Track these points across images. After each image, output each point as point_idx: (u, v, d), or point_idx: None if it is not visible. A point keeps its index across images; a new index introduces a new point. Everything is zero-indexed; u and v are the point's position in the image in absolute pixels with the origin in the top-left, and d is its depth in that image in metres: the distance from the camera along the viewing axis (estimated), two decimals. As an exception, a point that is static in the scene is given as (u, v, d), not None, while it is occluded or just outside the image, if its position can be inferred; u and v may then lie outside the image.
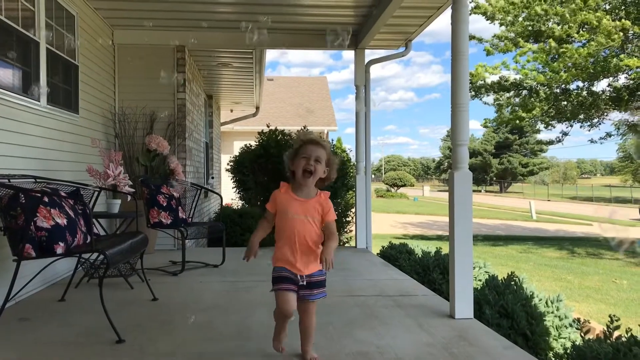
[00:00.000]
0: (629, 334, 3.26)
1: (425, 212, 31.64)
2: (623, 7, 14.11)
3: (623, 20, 12.99)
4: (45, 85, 5.04)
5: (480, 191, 66.13)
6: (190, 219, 6.44)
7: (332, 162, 2.87)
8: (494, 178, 68.55)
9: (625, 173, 57.78)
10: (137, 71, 7.45)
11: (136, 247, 4.15)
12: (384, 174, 65.04)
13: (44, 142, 5.01)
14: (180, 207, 6.05)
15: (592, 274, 11.73)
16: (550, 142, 20.78)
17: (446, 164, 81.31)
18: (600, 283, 10.76)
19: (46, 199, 3.58)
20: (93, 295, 3.57)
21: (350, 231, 10.23)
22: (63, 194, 4.00)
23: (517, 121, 16.14)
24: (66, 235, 3.58)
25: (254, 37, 6.95)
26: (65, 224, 3.63)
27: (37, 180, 4.29)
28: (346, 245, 10.59)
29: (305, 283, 2.80)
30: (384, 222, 23.51)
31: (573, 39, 14.31)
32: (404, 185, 57.50)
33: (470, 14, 13.94)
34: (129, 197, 5.53)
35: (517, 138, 64.93)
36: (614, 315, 3.55)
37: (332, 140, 17.34)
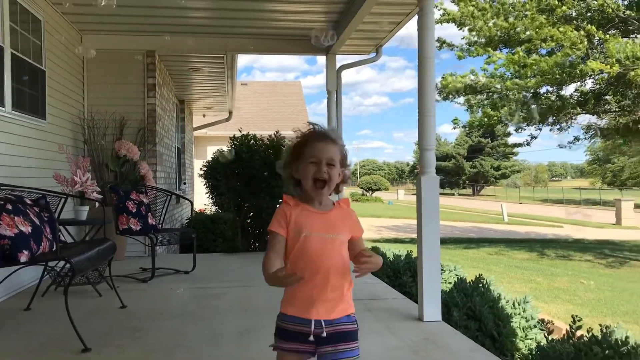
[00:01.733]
0: (590, 334, 3.35)
1: (400, 215, 31.85)
2: (588, 14, 14.46)
3: (588, 26, 13.30)
4: (10, 91, 4.96)
5: (453, 194, 66.84)
6: (160, 226, 6.39)
7: (347, 159, 2.09)
8: (467, 181, 69.35)
9: (594, 176, 59.15)
10: (107, 76, 7.38)
11: (104, 254, 4.11)
12: (359, 178, 65.48)
13: (8, 148, 4.92)
14: (150, 214, 6.00)
15: (561, 275, 11.95)
16: (519, 145, 21.21)
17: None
18: (568, 284, 10.97)
19: (10, 207, 3.52)
20: (59, 304, 3.53)
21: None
22: (28, 201, 3.93)
23: (486, 119, 16.37)
24: (30, 243, 3.53)
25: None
26: (30, 231, 3.58)
27: (1, 187, 4.21)
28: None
29: (324, 335, 1.91)
30: (358, 226, 23.53)
31: (540, 47, 14.61)
32: (379, 189, 57.85)
33: (441, 23, 14.00)
34: (97, 204, 5.47)
35: (490, 142, 65.82)
36: (576, 316, 3.64)
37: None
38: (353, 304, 2.01)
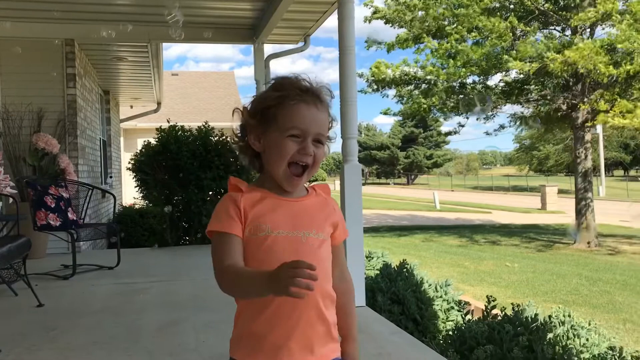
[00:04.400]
0: (503, 313, 3.49)
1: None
2: (511, 6, 15.03)
3: (511, 18, 13.84)
4: None
5: (389, 184, 68.06)
6: (82, 221, 6.17)
7: (332, 126, 1.41)
8: (402, 171, 70.75)
9: (521, 163, 61.62)
10: (23, 66, 7.03)
11: (16, 251, 3.94)
12: (296, 169, 65.41)
13: None
14: (70, 208, 5.78)
15: (487, 259, 12.41)
16: (448, 133, 21.86)
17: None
18: (494, 267, 11.41)
19: None
20: (-32, 305, 3.38)
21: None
22: None
23: (417, 106, 16.72)
24: None
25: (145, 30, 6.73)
26: None
27: None
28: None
29: None
30: (295, 216, 23.60)
31: (467, 38, 15.08)
32: (316, 180, 58.11)
33: (369, 21, 14.25)
34: (11, 200, 5.21)
35: (422, 132, 67.31)
36: (491, 296, 3.79)
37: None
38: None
